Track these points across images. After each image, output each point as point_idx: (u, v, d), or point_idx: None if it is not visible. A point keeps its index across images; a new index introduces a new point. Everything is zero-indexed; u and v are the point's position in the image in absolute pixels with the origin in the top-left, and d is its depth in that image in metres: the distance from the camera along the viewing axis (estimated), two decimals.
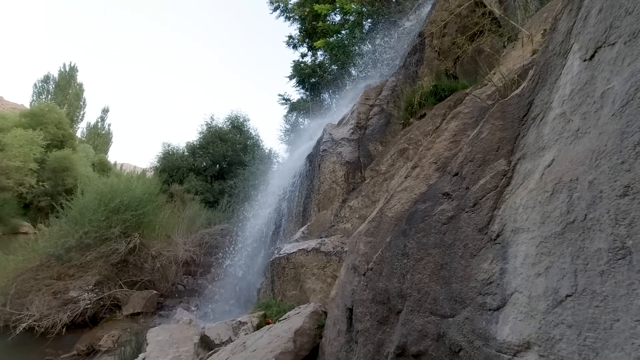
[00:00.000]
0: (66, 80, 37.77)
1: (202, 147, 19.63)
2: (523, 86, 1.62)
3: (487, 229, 1.51)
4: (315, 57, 17.21)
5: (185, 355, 4.56)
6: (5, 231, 18.73)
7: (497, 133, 1.65)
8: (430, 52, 7.07)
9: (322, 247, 5.40)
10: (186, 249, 10.56)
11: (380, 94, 7.91)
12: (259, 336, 3.10)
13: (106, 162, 34.52)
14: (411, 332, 1.72)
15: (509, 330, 1.24)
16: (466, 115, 2.30)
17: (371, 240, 2.20)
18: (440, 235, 1.72)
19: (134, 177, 12.50)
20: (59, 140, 25.85)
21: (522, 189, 1.40)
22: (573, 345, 0.98)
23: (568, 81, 1.30)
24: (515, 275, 1.28)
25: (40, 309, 6.76)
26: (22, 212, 22.22)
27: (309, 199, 7.44)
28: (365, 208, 5.78)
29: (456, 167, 1.83)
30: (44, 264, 7.94)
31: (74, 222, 8.51)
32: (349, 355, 2.21)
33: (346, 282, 2.36)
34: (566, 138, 1.23)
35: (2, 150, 20.01)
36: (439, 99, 5.30)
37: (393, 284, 1.89)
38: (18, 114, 26.09)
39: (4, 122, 22.46)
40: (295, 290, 5.54)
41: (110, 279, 8.32)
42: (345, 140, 7.34)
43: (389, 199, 2.26)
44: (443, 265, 1.66)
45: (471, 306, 1.46)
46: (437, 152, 2.21)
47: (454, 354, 1.54)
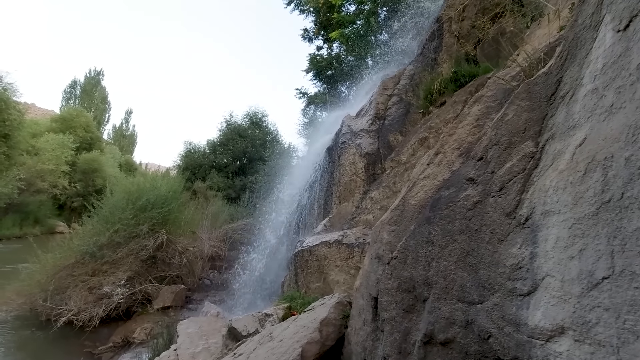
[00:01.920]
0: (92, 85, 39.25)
1: (223, 144, 19.95)
2: (550, 64, 1.55)
3: (515, 213, 1.46)
4: (331, 50, 17.08)
5: (215, 347, 4.70)
6: (42, 231, 19.82)
7: (523, 114, 1.59)
8: (449, 38, 6.87)
9: (345, 239, 5.40)
10: (211, 245, 10.83)
11: (399, 83, 7.77)
12: (285, 327, 3.15)
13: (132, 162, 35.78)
14: (438, 319, 1.70)
15: (541, 315, 1.21)
16: (489, 98, 2.23)
17: (395, 228, 2.18)
18: (466, 221, 1.68)
19: (159, 176, 12.89)
20: (87, 143, 26.98)
21: (551, 170, 1.34)
22: (611, 328, 0.94)
23: (600, 55, 1.23)
24: (546, 259, 1.24)
25: (78, 303, 7.12)
26: (57, 213, 23.44)
27: (330, 192, 7.45)
28: (387, 199, 5.72)
29: (480, 152, 1.78)
30: (79, 261, 8.33)
31: (104, 221, 8.87)
32: (375, 344, 2.21)
33: (370, 271, 2.36)
34: (599, 115, 1.17)
35: (37, 155, 21.07)
36: (460, 85, 5.15)
37: (418, 272, 1.87)
38: (49, 119, 27.38)
39: (37, 127, 23.64)
40: (319, 282, 5.59)
41: (140, 274, 8.65)
42: (364, 132, 7.28)
43: (411, 187, 2.23)
44: (469, 251, 1.63)
45: (500, 292, 1.43)
46: (460, 138, 2.16)
47: (483, 340, 1.51)
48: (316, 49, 17.38)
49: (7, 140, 18.31)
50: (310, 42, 17.51)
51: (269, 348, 2.81)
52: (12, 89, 18.57)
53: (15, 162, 19.01)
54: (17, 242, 16.68)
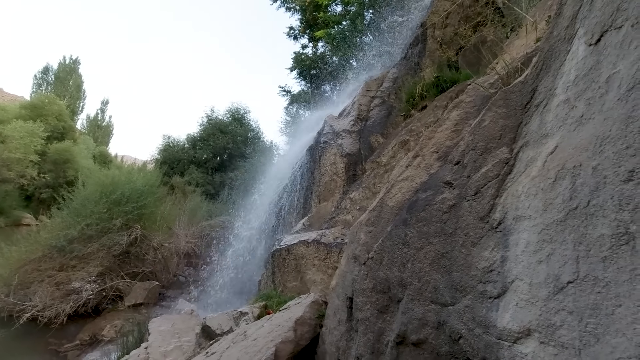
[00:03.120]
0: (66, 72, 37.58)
1: (203, 139, 19.59)
2: (526, 73, 1.60)
3: (488, 217, 1.50)
4: (316, 49, 17.06)
5: (187, 345, 4.60)
6: (7, 223, 18.83)
7: (499, 121, 1.63)
8: (433, 43, 6.99)
9: (323, 239, 5.40)
10: (187, 241, 10.61)
11: (382, 86, 7.85)
12: (260, 325, 3.12)
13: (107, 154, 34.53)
14: (411, 320, 1.72)
15: (509, 317, 1.24)
16: (468, 104, 2.27)
17: (372, 229, 2.20)
18: (441, 224, 1.71)
19: (135, 169, 12.51)
20: (59, 132, 25.83)
21: (524, 176, 1.38)
22: (574, 331, 0.97)
23: (573, 67, 1.28)
24: (516, 262, 1.27)
25: (44, 299, 6.82)
26: (24, 204, 22.32)
27: (310, 191, 7.44)
28: (366, 200, 5.77)
29: (458, 156, 1.81)
30: (46, 255, 7.98)
31: (75, 214, 8.54)
32: (349, 344, 2.22)
33: (347, 271, 2.37)
34: (570, 124, 1.21)
35: (3, 142, 20.01)
36: (441, 90, 5.26)
37: (394, 273, 1.89)
38: (18, 105, 26.05)
39: (4, 114, 22.43)
40: (295, 281, 5.57)
41: (112, 270, 8.38)
42: (346, 132, 7.31)
43: (389, 188, 2.25)
44: (444, 253, 1.65)
45: (472, 294, 1.46)
46: (439, 142, 2.19)
47: (454, 341, 1.54)
48: (301, 48, 17.33)
49: None
50: (296, 40, 17.45)
51: (243, 347, 2.78)
52: None
53: None
54: None
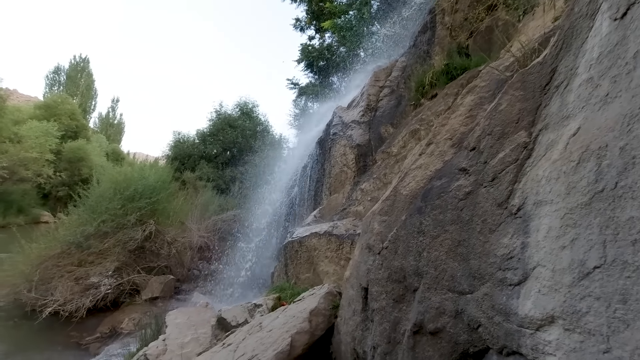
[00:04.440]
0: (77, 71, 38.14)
1: (212, 134, 19.71)
2: (545, 53, 1.54)
3: (507, 203, 1.46)
4: (323, 40, 16.88)
5: (204, 337, 4.68)
6: (27, 221, 19.39)
7: (516, 104, 1.58)
8: (442, 30, 6.83)
9: (335, 230, 5.40)
10: (200, 235, 10.75)
11: (390, 75, 7.73)
12: (275, 317, 3.14)
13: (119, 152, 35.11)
14: (428, 309, 1.70)
15: (531, 304, 1.21)
16: (482, 89, 2.21)
17: (385, 219, 2.17)
18: (457, 211, 1.68)
19: (147, 165, 12.66)
20: (72, 131, 26.33)
21: (544, 160, 1.34)
22: (601, 317, 0.94)
23: (596, 44, 1.22)
24: (537, 249, 1.24)
25: (64, 294, 7.01)
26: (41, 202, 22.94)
27: (320, 183, 7.43)
28: (377, 190, 5.73)
29: (473, 142, 1.77)
30: (65, 251, 8.18)
31: (91, 211, 8.71)
32: (364, 334, 2.22)
33: (361, 262, 2.35)
34: (594, 104, 1.16)
35: (20, 142, 20.48)
36: (451, 78, 5.14)
37: (409, 262, 1.87)
38: (32, 106, 26.59)
39: (19, 114, 22.93)
40: (308, 273, 5.60)
41: (128, 265, 8.54)
42: (355, 123, 7.25)
43: (403, 177, 2.22)
44: (460, 241, 1.62)
45: (490, 282, 1.43)
46: (453, 128, 2.14)
47: (472, 330, 1.52)
48: (308, 39, 17.17)
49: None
50: (302, 31, 17.29)
51: (258, 338, 2.80)
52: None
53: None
54: (0, 232, 16.30)
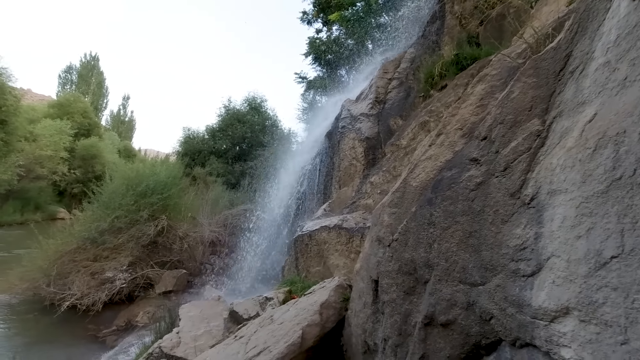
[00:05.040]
0: (88, 70, 38.68)
1: (222, 129, 19.83)
2: (559, 38, 1.49)
3: (519, 193, 1.43)
4: (330, 33, 16.75)
5: (216, 330, 4.75)
6: (43, 217, 19.89)
7: (529, 91, 1.54)
8: (451, 19, 6.70)
9: (345, 224, 5.40)
10: (211, 230, 10.87)
11: (399, 67, 7.63)
12: (286, 310, 3.17)
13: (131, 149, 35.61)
14: (439, 301, 1.69)
15: (545, 296, 1.18)
16: (494, 77, 2.16)
17: (395, 211, 2.15)
18: (469, 202, 1.65)
19: (158, 162, 12.83)
20: (85, 129, 26.80)
21: (559, 148, 1.30)
22: (619, 308, 0.92)
23: (613, 26, 1.17)
24: (552, 239, 1.21)
25: (81, 288, 7.19)
26: (57, 199, 23.50)
27: (330, 176, 7.42)
28: (387, 183, 5.70)
29: (484, 131, 1.73)
30: (81, 247, 8.38)
31: (105, 207, 8.88)
32: (375, 326, 2.22)
33: (371, 254, 2.34)
34: (611, 89, 1.12)
35: (35, 141, 20.94)
36: (461, 68, 5.04)
37: (419, 254, 1.85)
38: (46, 105, 27.11)
39: (34, 113, 23.43)
40: (319, 266, 5.62)
41: (142, 259, 8.71)
42: (364, 116, 7.20)
43: (412, 168, 2.19)
44: (472, 232, 1.60)
45: (503, 273, 1.41)
46: (463, 118, 2.10)
47: (484, 322, 1.50)
48: (315, 32, 17.05)
49: (5, 126, 18.17)
50: (309, 24, 17.17)
51: (270, 330, 2.83)
52: (6, 74, 18.32)
53: (13, 149, 18.91)
54: (18, 229, 16.76)
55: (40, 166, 20.94)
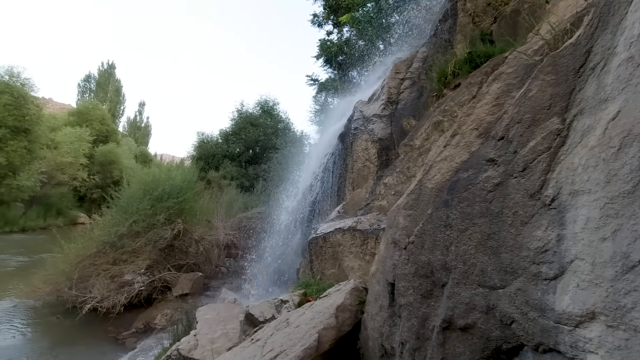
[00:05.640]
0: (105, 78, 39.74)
1: (235, 133, 20.05)
2: (579, 34, 1.45)
3: (539, 194, 1.39)
4: (341, 34, 16.75)
5: (232, 332, 4.79)
6: (65, 222, 20.50)
7: (548, 89, 1.50)
8: (464, 17, 6.60)
9: (359, 226, 5.37)
10: (226, 233, 10.98)
11: (411, 67, 7.57)
12: (301, 313, 3.16)
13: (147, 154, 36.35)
14: (458, 305, 1.66)
15: (569, 300, 1.15)
16: (509, 75, 2.12)
17: (411, 213, 2.13)
18: (486, 203, 1.61)
19: (173, 166, 13.06)
20: (103, 136, 27.51)
21: (580, 147, 1.26)
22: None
23: (637, 19, 1.13)
24: (575, 241, 1.17)
25: (101, 291, 7.36)
26: (78, 204, 24.18)
27: (343, 178, 7.40)
28: (401, 184, 5.65)
29: (501, 131, 1.70)
30: (101, 250, 8.57)
31: (123, 212, 9.07)
32: (392, 330, 2.19)
33: (386, 257, 2.32)
34: (635, 85, 1.08)
35: (56, 148, 21.61)
36: (475, 66, 4.96)
37: (436, 257, 1.82)
38: (66, 113, 27.96)
39: (55, 122, 24.20)
40: (333, 268, 5.60)
41: (159, 262, 8.86)
42: (376, 117, 7.16)
43: (427, 170, 2.17)
44: (490, 235, 1.57)
45: (524, 276, 1.37)
46: (478, 118, 2.07)
47: (505, 326, 1.46)
48: (326, 34, 17.08)
49: (28, 134, 18.82)
50: (320, 27, 17.21)
51: (286, 334, 2.83)
52: (29, 84, 18.99)
53: (36, 156, 19.56)
54: (42, 233, 17.32)
55: (61, 172, 21.59)
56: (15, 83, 18.39)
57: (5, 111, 17.65)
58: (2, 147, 17.80)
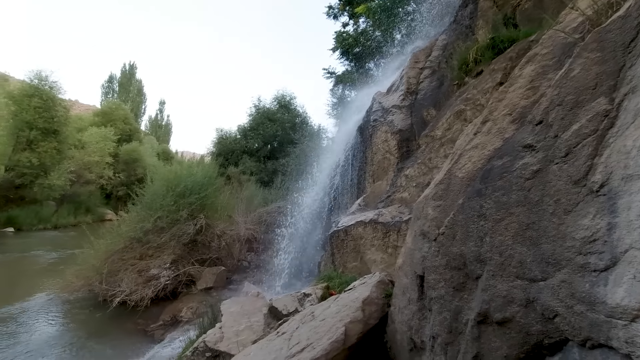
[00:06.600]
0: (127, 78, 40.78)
1: (253, 129, 20.18)
2: (629, 5, 1.33)
3: (585, 180, 1.30)
4: (357, 26, 16.51)
5: (257, 325, 4.84)
6: (94, 219, 21.32)
7: (593, 68, 1.40)
8: (485, 1, 6.35)
9: (380, 218, 5.31)
10: (247, 228, 11.11)
11: (430, 55, 7.37)
12: (327, 306, 3.15)
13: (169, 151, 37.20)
14: (494, 298, 1.59)
15: (623, 292, 1.07)
16: (545, 56, 2.00)
17: (440, 203, 2.06)
18: (524, 192, 1.53)
19: (194, 163, 13.28)
20: (127, 135, 28.32)
21: (633, 128, 1.17)
22: None
23: None
24: (629, 229, 1.08)
25: (129, 285, 7.60)
26: (105, 202, 25.09)
27: (363, 171, 7.32)
28: (423, 176, 5.53)
29: (539, 115, 1.60)
30: (128, 246, 8.84)
31: (148, 208, 9.31)
32: (422, 323, 2.14)
33: (414, 249, 2.26)
34: None
35: (83, 148, 22.43)
36: (498, 52, 4.77)
37: (469, 248, 1.75)
38: (91, 114, 28.92)
39: (81, 123, 25.09)
40: (355, 261, 5.57)
41: (183, 257, 9.06)
42: (396, 108, 7.03)
43: (456, 159, 2.08)
44: (529, 224, 1.48)
45: (568, 268, 1.29)
46: (512, 103, 1.96)
47: (547, 320, 1.39)
48: (342, 26, 16.88)
49: (57, 135, 19.62)
50: (336, 19, 17.02)
51: (312, 327, 2.82)
52: (57, 87, 19.73)
53: (65, 156, 20.38)
54: (72, 230, 18.08)
55: (88, 171, 22.41)
56: (44, 86, 19.13)
57: (35, 114, 18.42)
58: (34, 149, 18.62)
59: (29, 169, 18.11)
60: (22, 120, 18.23)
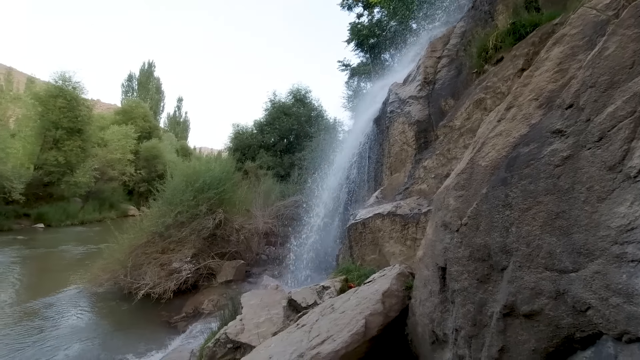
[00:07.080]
0: (146, 77, 41.62)
1: (269, 123, 20.27)
2: None
3: (621, 165, 1.23)
4: (372, 16, 16.24)
5: (276, 317, 4.89)
6: (117, 215, 22.04)
7: (629, 45, 1.31)
8: None
9: (398, 210, 5.24)
10: (265, 221, 11.22)
11: (448, 43, 7.16)
12: (346, 299, 3.14)
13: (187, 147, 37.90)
14: (521, 290, 1.53)
15: None
16: (574, 37, 1.89)
17: (462, 193, 2.00)
18: (553, 179, 1.46)
19: (212, 158, 13.47)
20: (147, 132, 29.02)
21: None
22: None
23: None
24: None
25: (153, 278, 7.82)
26: (127, 198, 25.88)
27: (380, 163, 7.24)
28: (441, 167, 5.42)
29: (569, 98, 1.52)
30: (150, 240, 9.08)
31: (168, 203, 9.52)
32: (444, 316, 2.10)
33: (435, 240, 2.21)
34: None
35: (105, 146, 23.13)
36: (519, 37, 4.57)
37: (494, 239, 1.69)
38: (113, 112, 29.75)
39: (103, 121, 25.87)
40: (374, 254, 5.53)
41: (203, 251, 9.25)
42: (413, 99, 6.89)
43: (479, 147, 2.01)
44: (559, 213, 1.42)
45: (603, 258, 1.23)
46: (538, 87, 1.87)
47: (578, 313, 1.33)
48: (356, 17, 16.63)
49: (81, 134, 20.30)
50: (350, 10, 16.78)
51: (332, 319, 2.82)
52: (80, 87, 20.35)
53: (89, 154, 21.09)
54: (98, 225, 18.75)
55: (111, 168, 23.13)
56: (68, 87, 19.76)
57: (60, 114, 19.09)
58: (60, 147, 19.33)
59: (56, 167, 18.84)
60: (49, 120, 18.93)
